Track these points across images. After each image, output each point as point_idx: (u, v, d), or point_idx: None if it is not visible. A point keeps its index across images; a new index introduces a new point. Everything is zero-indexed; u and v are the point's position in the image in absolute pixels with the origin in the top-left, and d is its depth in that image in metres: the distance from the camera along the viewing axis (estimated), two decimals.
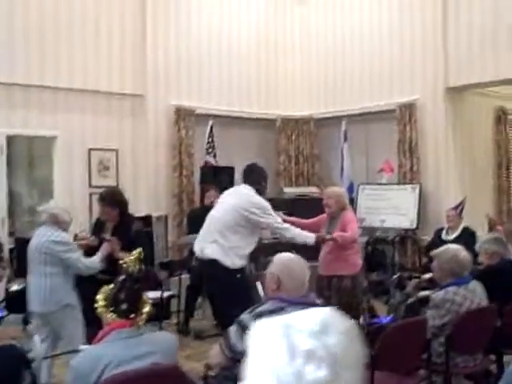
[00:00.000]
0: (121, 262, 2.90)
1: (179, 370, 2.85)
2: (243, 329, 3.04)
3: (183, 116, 8.53)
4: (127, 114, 8.33)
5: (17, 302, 6.25)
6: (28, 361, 2.74)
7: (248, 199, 5.08)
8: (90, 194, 7.86)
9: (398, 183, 8.51)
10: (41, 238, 4.60)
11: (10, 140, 7.69)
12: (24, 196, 9.00)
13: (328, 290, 5.41)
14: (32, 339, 3.48)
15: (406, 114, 8.48)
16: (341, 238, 5.30)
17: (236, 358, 3.13)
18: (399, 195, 8.36)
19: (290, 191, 8.75)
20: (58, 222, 4.65)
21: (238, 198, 5.14)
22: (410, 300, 4.80)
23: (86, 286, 4.60)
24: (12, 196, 8.19)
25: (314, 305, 3.22)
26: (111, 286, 2.86)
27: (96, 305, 2.83)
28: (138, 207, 7.43)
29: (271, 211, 5.12)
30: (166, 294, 6.41)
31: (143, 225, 6.10)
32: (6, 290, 6.48)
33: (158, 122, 8.47)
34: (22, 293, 6.70)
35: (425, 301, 4.54)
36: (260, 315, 3.04)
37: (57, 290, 4.54)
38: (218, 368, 3.30)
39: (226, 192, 5.43)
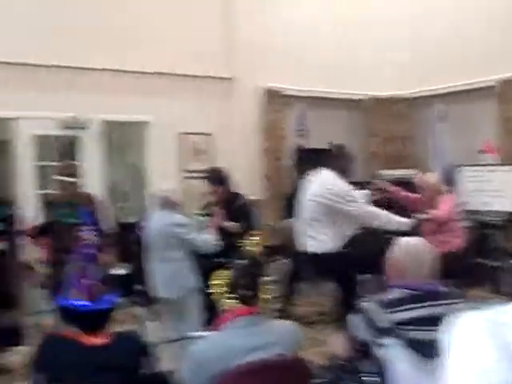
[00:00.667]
0: (240, 244, 2.80)
1: (303, 362, 2.70)
2: (367, 319, 2.85)
3: (273, 98, 8.37)
4: (218, 97, 8.25)
5: (121, 287, 6.34)
6: (147, 348, 2.66)
7: (326, 187, 4.89)
8: (183, 179, 7.85)
9: (501, 164, 8.03)
10: (160, 222, 4.57)
11: (106, 125, 7.76)
12: (119, 182, 9.12)
13: None
14: (145, 325, 3.42)
15: (508, 90, 7.96)
16: (434, 215, 5.39)
17: (358, 349, 2.96)
18: (502, 177, 7.88)
19: (387, 174, 8.39)
20: (172, 204, 4.65)
21: (319, 185, 4.97)
22: None
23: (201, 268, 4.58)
24: (110, 181, 8.29)
25: (440, 292, 2.99)
26: (228, 270, 2.74)
27: (212, 290, 2.71)
28: None
29: (353, 196, 4.89)
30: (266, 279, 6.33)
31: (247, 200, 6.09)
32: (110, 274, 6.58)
33: (248, 104, 8.36)
34: (125, 277, 6.82)
35: None
36: (386, 304, 2.85)
37: (181, 275, 4.55)
38: (336, 358, 3.14)
39: (309, 179, 5.26)
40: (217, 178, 5.43)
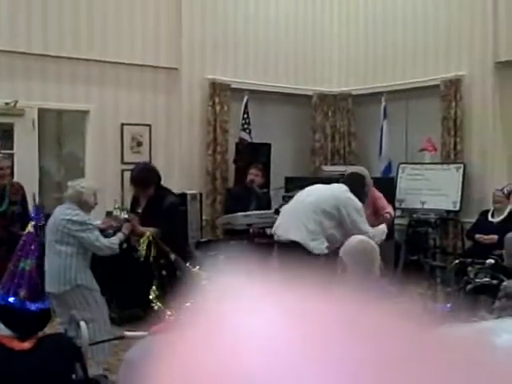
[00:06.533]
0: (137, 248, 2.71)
1: None
2: None
3: (218, 90, 8.23)
4: (161, 88, 8.06)
5: None
6: (79, 351, 2.51)
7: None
8: (122, 171, 7.63)
9: (441, 163, 8.15)
10: (58, 215, 4.49)
11: (41, 113, 7.46)
12: (53, 171, 8.81)
13: None
14: (76, 325, 3.25)
15: (452, 90, 8.07)
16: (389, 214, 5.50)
17: None
18: (442, 175, 8.00)
19: (330, 170, 8.38)
20: (80, 202, 4.53)
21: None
22: (469, 287, 4.51)
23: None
24: (41, 171, 8.00)
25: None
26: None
27: (153, 304, 2.60)
28: (171, 184, 7.19)
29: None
30: None
31: (179, 199, 5.96)
32: None
33: (192, 96, 8.19)
34: None
35: (482, 288, 4.32)
36: None
37: (69, 270, 4.41)
38: None
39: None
40: (143, 181, 5.19)
